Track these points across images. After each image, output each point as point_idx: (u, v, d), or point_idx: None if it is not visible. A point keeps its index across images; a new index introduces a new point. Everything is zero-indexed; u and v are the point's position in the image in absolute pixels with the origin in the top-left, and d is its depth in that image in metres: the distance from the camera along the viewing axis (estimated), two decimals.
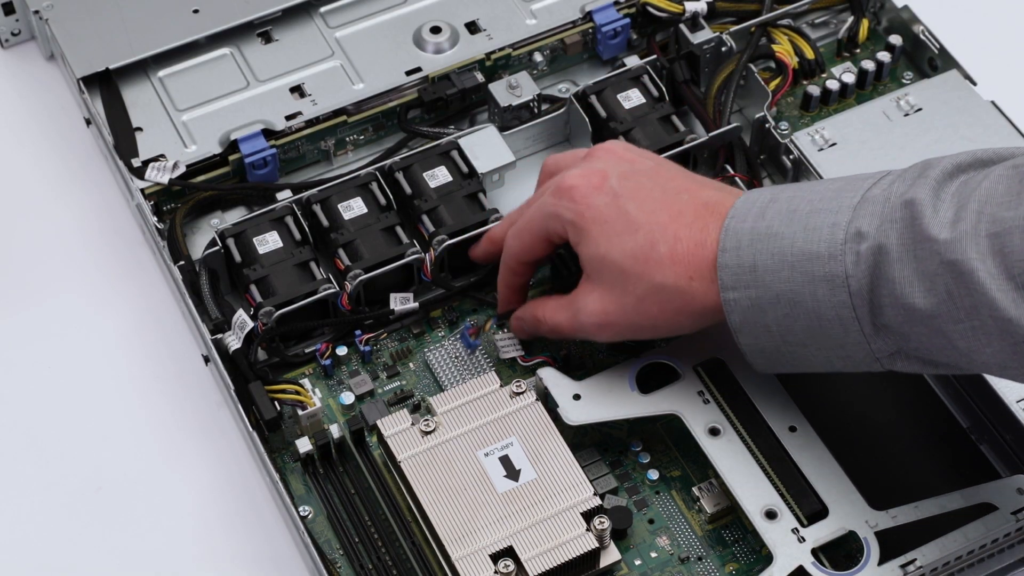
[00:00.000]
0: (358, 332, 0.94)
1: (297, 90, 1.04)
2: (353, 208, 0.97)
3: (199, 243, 1.00)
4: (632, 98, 1.02)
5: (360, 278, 0.93)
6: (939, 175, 0.76)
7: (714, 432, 0.87)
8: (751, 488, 0.85)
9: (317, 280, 0.94)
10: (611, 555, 0.86)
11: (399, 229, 0.96)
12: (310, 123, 1.03)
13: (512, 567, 0.83)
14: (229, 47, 1.07)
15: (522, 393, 0.89)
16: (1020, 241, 0.72)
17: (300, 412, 0.90)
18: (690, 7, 1.06)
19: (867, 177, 0.79)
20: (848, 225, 0.77)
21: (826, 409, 0.90)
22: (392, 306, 0.94)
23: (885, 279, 0.75)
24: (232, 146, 1.01)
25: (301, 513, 0.88)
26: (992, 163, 0.77)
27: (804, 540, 0.84)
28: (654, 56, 1.05)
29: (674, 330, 0.85)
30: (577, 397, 0.88)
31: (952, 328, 0.74)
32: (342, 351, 0.95)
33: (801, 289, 0.78)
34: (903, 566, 0.82)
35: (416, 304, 0.95)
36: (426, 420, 0.88)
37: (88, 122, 1.05)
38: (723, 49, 1.05)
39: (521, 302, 0.93)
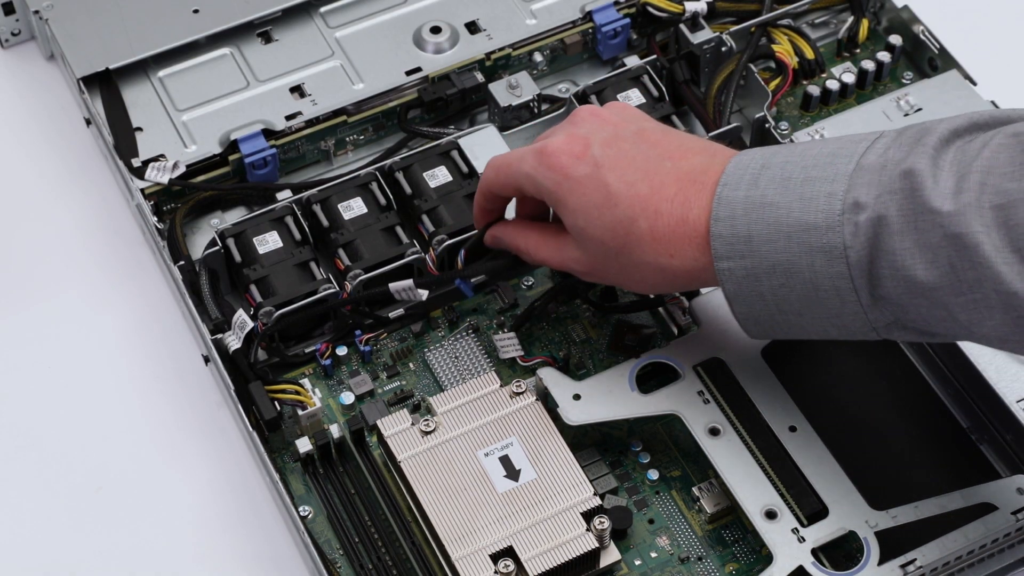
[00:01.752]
0: (358, 332, 0.94)
1: (297, 90, 1.04)
2: (353, 208, 0.97)
3: (199, 243, 1.00)
4: (632, 98, 1.02)
5: (360, 278, 0.93)
6: (936, 142, 0.75)
7: (714, 432, 0.87)
8: (751, 488, 0.85)
9: (317, 280, 0.94)
10: (611, 555, 0.86)
11: (399, 229, 0.96)
12: (310, 123, 1.03)
13: (512, 567, 0.83)
14: (229, 47, 1.07)
15: (522, 393, 0.89)
16: None
17: (300, 412, 0.90)
18: (690, 7, 1.06)
19: (859, 140, 0.78)
20: (845, 195, 0.75)
21: (826, 409, 0.90)
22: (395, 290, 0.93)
23: (885, 251, 0.74)
24: (232, 146, 1.01)
25: (301, 513, 0.88)
26: (989, 126, 0.76)
27: (804, 540, 0.84)
28: (654, 56, 1.05)
29: (661, 292, 0.87)
30: (577, 397, 0.88)
31: (953, 301, 0.74)
32: (342, 351, 0.95)
33: (798, 260, 0.77)
34: (903, 566, 0.82)
35: (414, 287, 0.93)
36: (426, 420, 0.88)
37: (88, 122, 1.05)
38: (723, 49, 1.05)
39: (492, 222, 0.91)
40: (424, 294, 0.93)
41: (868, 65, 1.06)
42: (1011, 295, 0.72)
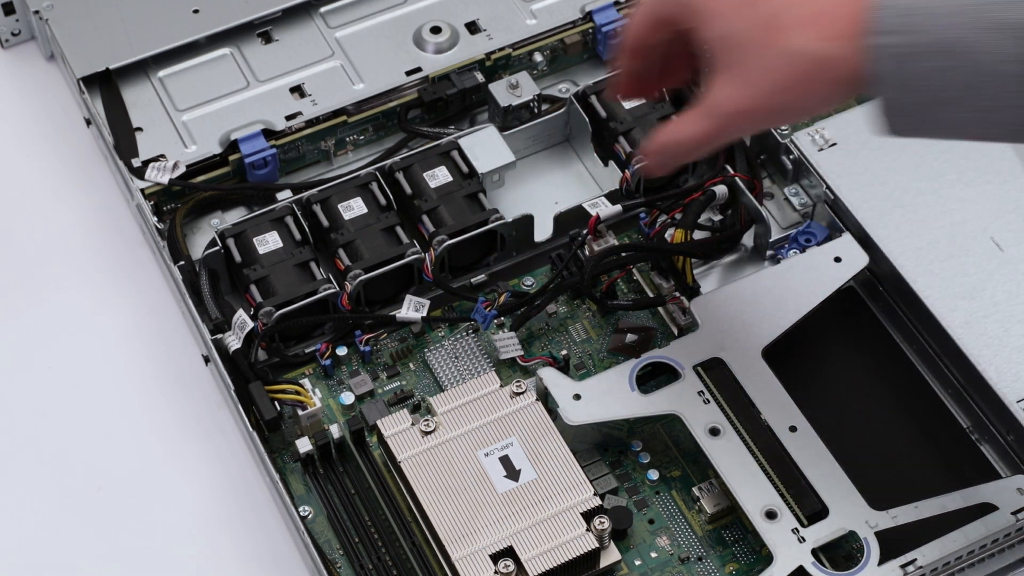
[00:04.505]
0: (358, 332, 0.94)
1: (297, 90, 1.04)
2: (353, 208, 0.97)
3: (199, 243, 1.00)
4: (632, 100, 1.02)
5: (360, 278, 0.93)
6: None
7: (714, 432, 0.87)
8: (751, 488, 0.85)
9: (317, 280, 0.94)
10: (611, 555, 0.86)
11: (399, 229, 0.96)
12: (310, 123, 1.03)
13: (512, 567, 0.83)
14: (229, 47, 1.07)
15: (522, 393, 0.89)
16: None
17: (300, 412, 0.90)
18: None
19: None
20: None
21: (826, 409, 0.90)
22: (404, 310, 0.94)
23: None
24: (232, 146, 1.01)
25: (301, 513, 0.88)
26: None
27: (804, 540, 0.84)
28: None
29: (815, 106, 0.77)
30: (577, 397, 0.88)
31: None
32: (342, 351, 0.95)
33: (965, 36, 0.70)
34: (903, 566, 0.82)
35: (419, 316, 0.94)
36: (426, 420, 0.88)
37: (88, 122, 1.05)
38: None
39: (635, 92, 0.86)
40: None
41: None
42: None
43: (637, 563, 0.87)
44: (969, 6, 0.69)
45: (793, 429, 0.87)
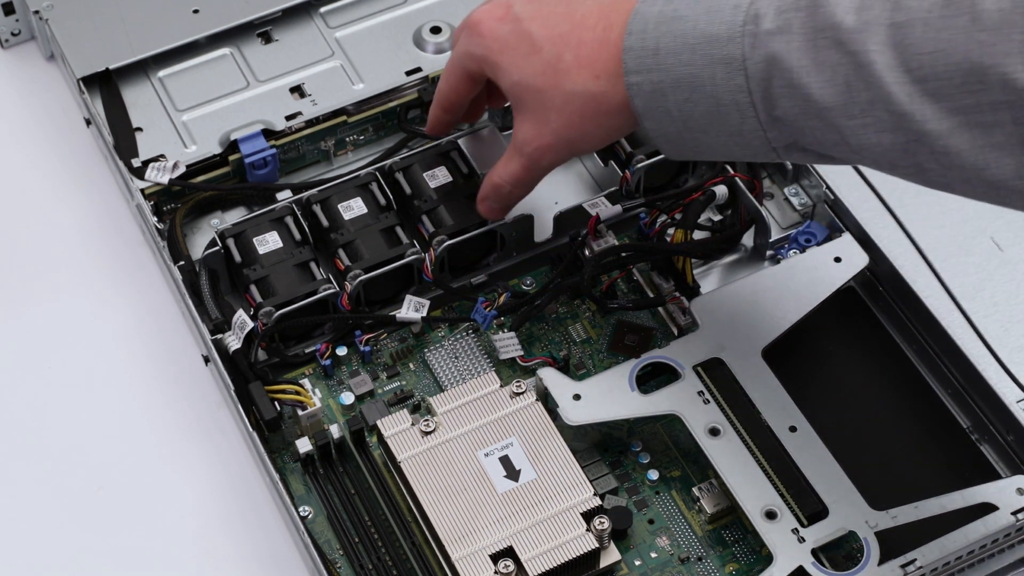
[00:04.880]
0: (358, 332, 0.94)
1: (297, 90, 1.04)
2: (353, 208, 0.97)
3: (199, 243, 1.00)
4: None
5: (360, 278, 0.93)
6: None
7: (714, 432, 0.87)
8: (751, 488, 0.85)
9: (317, 280, 0.94)
10: (611, 555, 0.86)
11: (399, 229, 0.96)
12: (310, 123, 1.03)
13: (512, 567, 0.83)
14: (229, 47, 1.07)
15: (522, 393, 0.89)
16: (922, 33, 0.70)
17: (300, 412, 0.90)
18: None
19: None
20: (749, 6, 0.76)
21: (826, 409, 0.90)
22: (404, 310, 0.94)
23: (782, 68, 0.74)
24: (232, 146, 1.01)
25: (301, 513, 0.88)
26: None
27: (804, 540, 0.84)
28: None
29: (605, 135, 0.85)
30: (577, 397, 0.88)
31: (846, 123, 0.73)
32: (342, 351, 0.95)
33: (700, 72, 0.77)
34: (903, 566, 0.82)
35: (419, 316, 0.94)
36: (426, 420, 0.88)
37: (88, 122, 1.05)
38: None
39: (446, 131, 0.96)
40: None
41: None
42: (901, 116, 0.71)
43: (637, 563, 0.87)
44: (700, 44, 0.77)
45: (793, 429, 0.87)
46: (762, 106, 0.76)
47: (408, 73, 1.05)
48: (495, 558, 0.83)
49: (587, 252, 0.94)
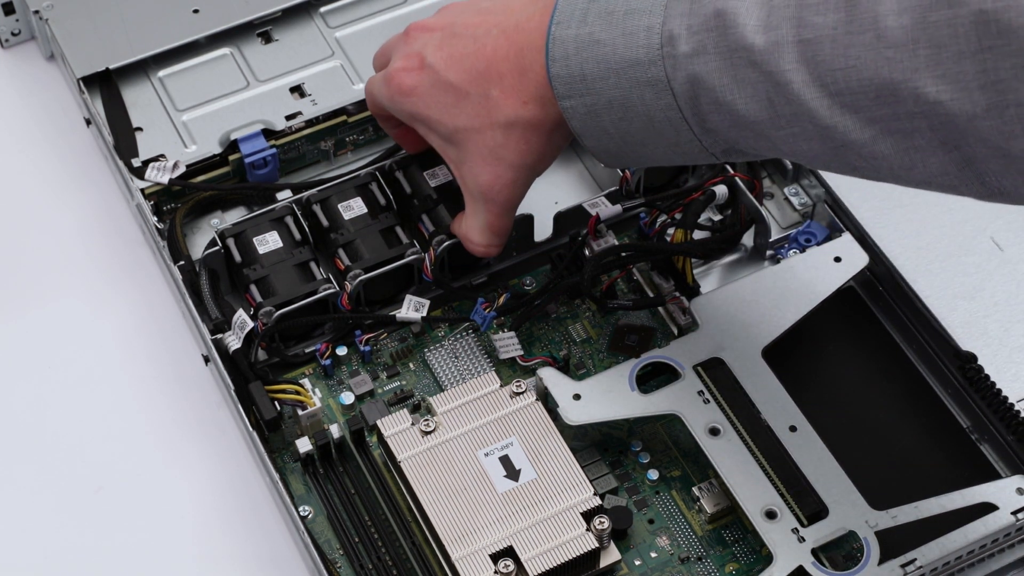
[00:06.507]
0: (358, 332, 0.94)
1: (297, 90, 1.04)
2: (353, 208, 0.97)
3: (199, 243, 1.00)
4: None
5: (360, 278, 0.93)
6: None
7: (714, 432, 0.87)
8: (751, 488, 0.85)
9: (317, 280, 0.94)
10: (611, 555, 0.86)
11: (399, 229, 0.96)
12: (310, 123, 1.03)
13: (512, 567, 0.83)
14: (229, 47, 1.07)
15: (522, 393, 0.89)
16: (831, 50, 0.70)
17: (300, 412, 0.90)
18: None
19: None
20: (662, 28, 0.76)
21: (826, 409, 0.90)
22: (404, 310, 0.94)
23: (706, 87, 0.75)
24: (232, 146, 1.01)
25: (301, 513, 0.88)
26: None
27: (804, 540, 0.84)
28: None
29: (555, 152, 0.87)
30: (577, 397, 0.88)
31: (775, 134, 0.74)
32: (342, 351, 0.95)
33: (629, 95, 0.78)
34: (903, 566, 0.82)
35: (419, 316, 0.94)
36: (426, 420, 0.88)
37: (88, 122, 1.05)
38: None
39: (422, 145, 0.96)
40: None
41: None
42: (826, 129, 0.72)
43: (637, 563, 0.87)
44: (624, 69, 0.77)
45: (793, 429, 0.87)
46: (694, 120, 0.77)
47: None
48: (495, 558, 0.83)
49: (587, 252, 0.94)
